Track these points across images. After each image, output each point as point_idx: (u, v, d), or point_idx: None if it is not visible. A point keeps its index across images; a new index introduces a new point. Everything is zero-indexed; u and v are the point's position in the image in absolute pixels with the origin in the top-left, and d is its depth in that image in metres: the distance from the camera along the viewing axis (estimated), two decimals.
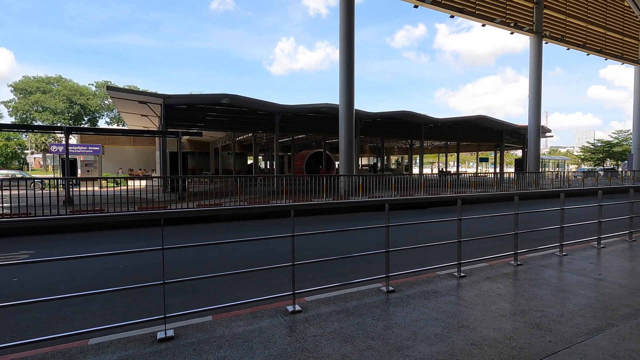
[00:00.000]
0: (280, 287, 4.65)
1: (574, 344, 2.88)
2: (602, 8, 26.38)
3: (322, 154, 26.09)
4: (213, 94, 17.60)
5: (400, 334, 3.08)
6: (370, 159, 52.50)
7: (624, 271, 4.93)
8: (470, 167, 77.31)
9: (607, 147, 54.60)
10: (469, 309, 3.63)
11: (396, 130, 25.62)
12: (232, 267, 5.69)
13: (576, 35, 25.01)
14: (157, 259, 5.93)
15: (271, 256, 6.53)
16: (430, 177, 20.35)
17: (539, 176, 21.06)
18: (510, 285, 4.37)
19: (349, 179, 14.60)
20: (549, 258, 5.59)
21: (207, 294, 4.58)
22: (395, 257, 5.96)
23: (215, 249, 6.86)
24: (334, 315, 3.46)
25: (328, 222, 10.49)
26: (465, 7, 19.61)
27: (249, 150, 36.54)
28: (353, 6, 15.35)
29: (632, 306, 3.67)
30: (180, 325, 3.24)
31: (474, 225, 9.23)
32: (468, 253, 5.89)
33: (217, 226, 9.90)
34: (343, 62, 15.35)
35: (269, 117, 20.37)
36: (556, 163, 52.49)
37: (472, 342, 2.92)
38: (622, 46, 27.85)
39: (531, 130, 22.61)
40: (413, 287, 4.26)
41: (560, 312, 3.51)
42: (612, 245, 6.46)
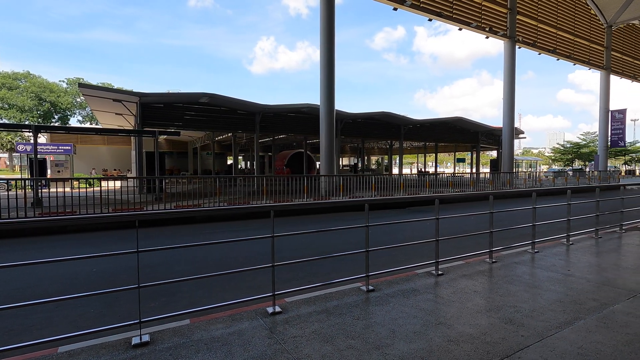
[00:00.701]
0: (260, 288, 4.61)
1: (545, 338, 3.00)
2: (571, 15, 27.61)
3: (303, 154, 26.05)
4: (191, 93, 17.24)
5: (380, 332, 3.11)
6: (351, 160, 52.85)
7: (591, 267, 5.17)
8: (448, 167, 79.14)
9: (576, 149, 57.19)
10: (446, 306, 3.71)
11: (376, 131, 25.91)
12: (211, 270, 5.60)
13: (547, 41, 26.06)
14: (132, 262, 5.75)
15: (251, 257, 6.46)
16: (409, 177, 20.70)
17: (512, 176, 21.80)
18: (485, 282, 4.49)
19: (329, 179, 14.65)
20: (522, 255, 5.79)
21: (185, 297, 4.48)
22: (376, 257, 6.03)
23: (193, 251, 6.72)
24: (314, 316, 3.46)
25: (309, 223, 10.48)
26: (442, 10, 20.06)
27: (228, 150, 36.05)
28: (333, 7, 15.41)
29: (598, 300, 3.86)
30: (156, 329, 3.15)
31: (451, 224, 9.44)
32: (446, 251, 6.03)
33: (195, 227, 9.71)
34: (324, 63, 15.39)
35: (249, 117, 20.16)
36: (529, 163, 54.51)
37: (449, 339, 2.99)
38: (589, 52, 29.22)
39: (505, 131, 23.38)
40: (392, 286, 4.31)
41: (532, 307, 3.65)
42: (580, 242, 6.76)
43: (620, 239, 7.14)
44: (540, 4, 25.43)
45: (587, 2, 28.64)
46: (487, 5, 22.02)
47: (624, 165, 59.83)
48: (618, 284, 4.37)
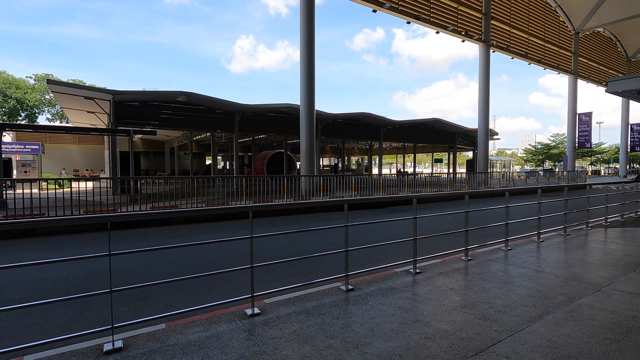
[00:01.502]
0: (238, 290, 4.55)
1: (517, 332, 3.10)
2: (542, 22, 28.78)
3: (283, 155, 25.92)
4: (168, 91, 16.81)
5: (359, 331, 3.13)
6: (332, 160, 53.04)
7: (560, 262, 5.40)
8: (427, 167, 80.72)
9: (546, 150, 59.65)
10: (424, 304, 3.78)
11: (356, 132, 26.11)
12: (188, 272, 5.46)
13: (519, 46, 27.05)
14: (105, 265, 5.55)
15: (230, 259, 6.36)
16: (389, 178, 20.97)
17: (487, 176, 22.49)
18: (461, 279, 4.61)
19: (310, 180, 14.64)
20: (495, 253, 5.98)
21: (161, 301, 4.36)
22: (356, 256, 6.07)
23: (169, 254, 6.56)
24: (293, 317, 3.44)
25: (289, 223, 10.44)
26: (420, 14, 20.46)
27: (207, 150, 35.41)
28: (313, 7, 15.43)
29: (566, 294, 4.03)
30: (130, 335, 3.05)
31: (429, 223, 9.64)
32: (424, 250, 6.15)
33: (172, 229, 9.48)
34: (304, 63, 15.38)
35: (228, 116, 19.87)
36: (503, 164, 56.35)
37: (426, 336, 3.05)
38: (558, 57, 30.54)
39: (480, 133, 24.09)
40: (371, 285, 4.35)
41: (505, 303, 3.77)
42: (550, 240, 7.05)
43: (587, 235, 7.49)
44: (513, 10, 26.37)
45: (557, 9, 29.93)
46: (463, 9, 22.62)
47: (590, 166, 62.89)
48: (584, 279, 4.59)
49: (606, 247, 6.48)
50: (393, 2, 19.08)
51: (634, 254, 5.92)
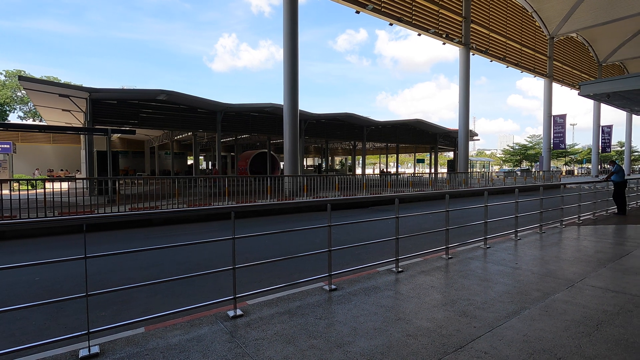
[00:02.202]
0: (221, 292, 4.50)
1: (495, 328, 3.19)
2: (519, 26, 29.67)
3: (266, 155, 25.75)
4: (148, 90, 16.40)
5: (342, 330, 3.15)
6: (315, 160, 53.07)
7: (535, 260, 5.58)
8: (409, 167, 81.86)
9: (523, 150, 61.53)
10: (406, 302, 3.83)
11: (340, 132, 26.22)
12: (168, 274, 5.36)
13: (497, 49, 27.80)
14: (81, 269, 5.38)
15: (212, 260, 6.27)
16: (372, 178, 21.15)
17: (467, 176, 23.01)
18: (442, 277, 4.70)
19: (293, 180, 14.60)
20: (475, 251, 6.12)
21: (140, 304, 4.26)
22: (340, 256, 6.09)
23: (149, 256, 6.41)
24: (276, 317, 3.43)
25: (273, 223, 10.38)
26: (403, 16, 20.74)
27: (189, 149, 34.78)
28: (296, 6, 15.40)
29: (541, 290, 4.17)
30: (107, 340, 2.96)
31: (411, 222, 9.78)
32: (406, 249, 6.23)
33: (152, 231, 9.27)
34: (287, 63, 15.33)
35: (211, 116, 19.59)
36: (482, 164, 57.79)
37: (407, 334, 3.09)
38: (534, 61, 31.55)
39: (461, 133, 24.62)
40: (354, 284, 4.38)
41: (484, 300, 3.86)
42: (526, 237, 7.27)
43: (561, 233, 7.77)
44: (492, 14, 27.08)
45: (533, 14, 30.91)
46: (444, 13, 23.07)
47: (564, 166, 65.26)
48: (558, 275, 4.76)
49: (579, 244, 6.74)
50: (376, 4, 19.26)
51: (605, 250, 6.18)
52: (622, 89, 11.00)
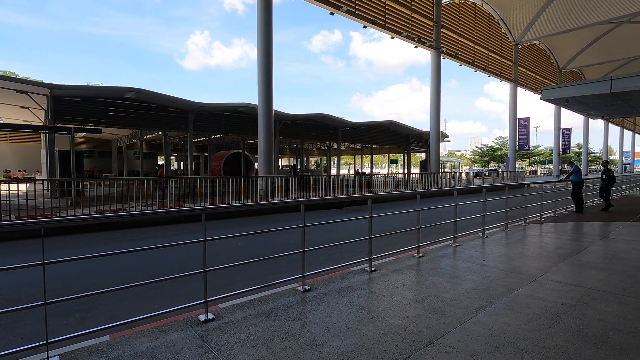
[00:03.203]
0: (191, 296, 4.39)
1: (462, 323, 3.30)
2: (486, 32, 30.89)
3: (240, 155, 25.37)
4: (115, 87, 15.72)
5: (315, 331, 3.15)
6: (291, 160, 52.88)
7: (501, 256, 5.82)
8: (383, 168, 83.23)
9: (491, 152, 64.13)
10: (378, 300, 3.89)
11: (315, 133, 26.26)
12: (136, 279, 5.17)
13: (466, 54, 28.81)
14: (39, 275, 5.08)
15: (182, 264, 6.11)
16: (347, 178, 21.33)
17: (439, 176, 23.68)
18: (413, 275, 4.81)
19: (268, 180, 14.47)
20: (445, 249, 6.31)
21: (105, 311, 4.08)
22: (314, 256, 6.10)
23: (116, 260, 6.16)
24: (249, 320, 3.38)
25: (246, 225, 10.23)
26: (376, 19, 21.06)
27: (159, 149, 33.71)
28: (271, 5, 15.28)
29: (506, 285, 4.35)
30: (69, 350, 2.82)
31: (385, 221, 9.94)
32: (379, 248, 6.33)
33: (119, 234, 8.90)
34: (261, 62, 15.17)
35: (182, 115, 19.06)
36: (453, 164, 59.67)
37: (379, 332, 3.14)
38: (501, 66, 32.94)
39: (432, 135, 25.31)
40: (328, 285, 4.40)
41: (453, 296, 3.99)
42: (493, 235, 7.57)
43: (525, 231, 8.16)
44: (461, 19, 28.04)
45: (499, 21, 32.28)
46: (416, 17, 23.64)
47: (528, 166, 68.58)
48: (522, 271, 4.99)
49: (541, 241, 7.10)
50: (350, 6, 19.45)
51: (564, 246, 6.54)
52: (580, 94, 11.71)
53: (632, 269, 5.03)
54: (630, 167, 65.80)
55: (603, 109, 15.01)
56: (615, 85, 10.36)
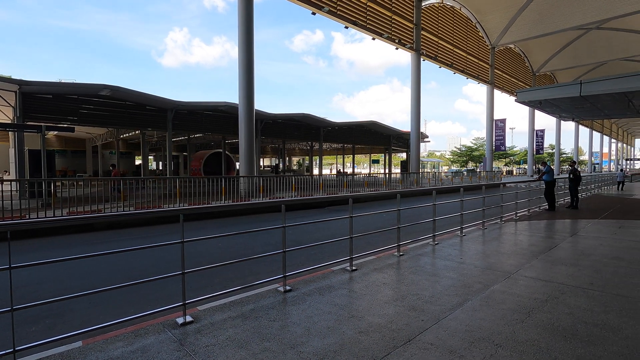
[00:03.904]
0: (169, 299, 4.30)
1: (440, 320, 3.37)
2: (464, 35, 31.66)
3: (221, 155, 25.02)
4: (89, 84, 15.17)
5: (295, 331, 3.14)
6: (273, 160, 52.57)
7: (478, 254, 5.98)
8: (365, 168, 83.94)
9: (469, 152, 65.82)
10: (359, 299, 3.92)
11: (297, 132, 26.20)
12: (111, 283, 5.01)
13: (446, 56, 29.44)
14: (5, 280, 4.85)
15: (160, 266, 5.97)
16: (329, 178, 21.40)
17: (419, 176, 24.10)
18: (393, 274, 4.87)
19: (249, 180, 14.34)
20: (424, 247, 6.42)
21: (78, 316, 3.94)
22: (295, 256, 6.09)
23: (89, 263, 5.96)
24: (228, 322, 3.34)
25: (227, 225, 10.10)
26: (358, 20, 21.22)
27: (137, 149, 32.81)
28: (252, 3, 15.14)
29: (482, 282, 4.48)
30: (38, 358, 2.70)
31: (367, 221, 10.03)
32: (360, 247, 6.37)
33: (94, 236, 8.61)
34: (242, 61, 15.01)
35: (161, 114, 18.62)
36: (433, 164, 60.82)
37: (360, 330, 3.16)
38: (478, 68, 33.82)
39: (413, 135, 25.72)
40: (309, 285, 4.40)
41: (432, 294, 4.07)
42: (471, 233, 7.77)
43: (501, 229, 8.41)
44: (440, 23, 28.63)
45: (476, 25, 33.15)
46: (397, 19, 23.96)
47: (504, 166, 70.75)
48: (497, 268, 5.14)
49: (516, 238, 7.34)
50: (331, 6, 19.51)
51: (537, 243, 6.78)
52: (552, 97, 12.18)
53: (599, 264, 5.28)
54: (598, 167, 68.93)
55: (574, 111, 15.66)
56: (584, 89, 10.83)
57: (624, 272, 4.92)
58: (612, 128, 72.52)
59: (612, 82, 10.50)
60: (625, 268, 5.10)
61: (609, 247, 6.43)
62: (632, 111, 15.27)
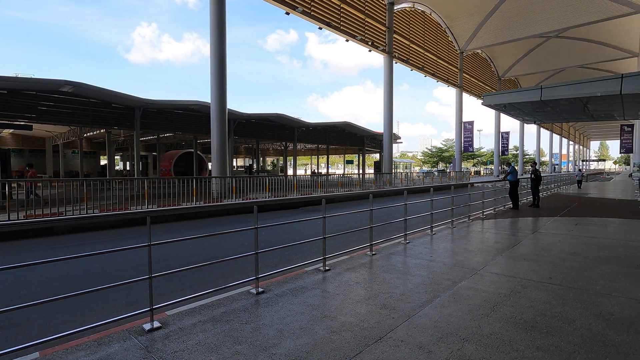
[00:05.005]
0: (136, 304, 4.14)
1: (411, 317, 3.45)
2: (435, 40, 32.62)
3: (192, 155, 24.38)
4: (49, 79, 14.34)
5: (268, 333, 3.12)
6: (246, 160, 51.89)
7: (447, 252, 6.18)
8: (339, 168, 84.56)
9: (439, 153, 67.87)
10: (332, 299, 3.94)
11: (271, 132, 26.01)
12: (72, 289, 4.77)
13: (417, 59, 30.20)
14: None
15: (125, 271, 5.74)
16: (303, 178, 21.38)
17: (392, 176, 24.56)
18: (366, 273, 4.93)
19: (222, 181, 14.06)
20: (396, 246, 6.55)
21: (35, 326, 3.71)
22: (268, 257, 6.03)
23: (48, 270, 5.63)
24: (198, 326, 3.26)
25: (198, 227, 9.85)
26: (331, 21, 21.35)
27: (102, 148, 31.36)
28: (224, 1, 14.87)
29: (451, 279, 4.63)
30: None
31: (341, 221, 10.09)
32: (334, 247, 6.41)
33: (53, 240, 8.14)
34: (215, 59, 14.70)
35: (128, 112, 17.91)
36: (405, 165, 62.21)
37: (332, 330, 3.18)
38: (448, 72, 34.94)
39: (386, 137, 26.19)
40: (282, 286, 4.37)
41: (402, 292, 4.16)
42: (440, 232, 8.01)
43: (468, 227, 8.73)
44: (412, 26, 29.35)
45: (446, 30, 34.25)
46: (370, 22, 24.32)
47: (473, 167, 73.51)
48: (465, 265, 5.33)
49: (483, 236, 7.64)
50: (305, 7, 19.52)
51: (502, 241, 7.10)
52: (515, 101, 12.78)
53: (557, 260, 5.59)
54: (558, 168, 73.04)
55: (535, 115, 16.51)
56: (544, 94, 11.44)
57: (579, 266, 5.24)
58: (570, 131, 77.20)
59: (569, 87, 11.16)
60: (581, 262, 5.44)
61: (567, 243, 6.83)
62: (587, 115, 16.31)
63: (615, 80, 10.01)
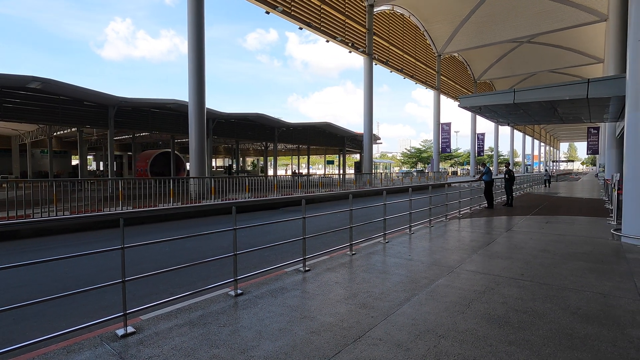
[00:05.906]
0: (108, 309, 4.00)
1: (389, 316, 3.49)
2: (413, 42, 33.22)
3: (170, 154, 23.81)
4: (14, 75, 13.65)
5: (246, 336, 3.08)
6: (226, 161, 51.17)
7: (425, 251, 6.30)
8: (320, 168, 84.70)
9: (418, 153, 69.18)
10: (311, 300, 3.94)
11: (251, 132, 25.76)
12: (39, 295, 4.55)
13: (396, 61, 30.67)
14: None
15: (98, 275, 5.53)
16: (283, 179, 21.27)
17: (372, 177, 24.83)
18: (346, 273, 4.96)
19: (200, 182, 13.80)
20: (376, 246, 6.62)
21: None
22: (248, 259, 5.97)
23: (13, 275, 5.36)
24: (175, 330, 3.18)
25: (176, 229, 9.63)
26: (312, 21, 21.37)
27: (74, 147, 30.17)
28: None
29: (428, 277, 4.72)
30: None
31: (321, 221, 10.11)
32: (314, 247, 6.41)
33: (19, 244, 7.76)
34: (193, 57, 14.41)
35: (101, 110, 17.30)
36: (385, 165, 63.03)
37: (311, 331, 3.17)
38: (426, 74, 35.66)
39: (366, 137, 26.45)
40: (261, 287, 4.33)
41: (382, 291, 4.20)
42: (419, 231, 8.15)
43: (446, 226, 8.93)
44: (391, 29, 29.78)
45: (424, 33, 34.95)
46: (350, 23, 24.50)
47: (450, 167, 75.34)
48: (442, 263, 5.45)
49: (459, 235, 7.84)
50: (285, 6, 19.45)
51: (477, 239, 7.30)
52: (490, 103, 13.18)
53: (529, 257, 5.80)
54: (530, 168, 75.89)
55: (509, 117, 17.09)
56: (517, 97, 11.87)
57: (549, 262, 5.46)
58: (541, 133, 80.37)
59: (540, 91, 11.63)
60: (550, 259, 5.67)
61: (538, 240, 7.10)
62: (557, 118, 17.03)
63: (582, 85, 10.50)
